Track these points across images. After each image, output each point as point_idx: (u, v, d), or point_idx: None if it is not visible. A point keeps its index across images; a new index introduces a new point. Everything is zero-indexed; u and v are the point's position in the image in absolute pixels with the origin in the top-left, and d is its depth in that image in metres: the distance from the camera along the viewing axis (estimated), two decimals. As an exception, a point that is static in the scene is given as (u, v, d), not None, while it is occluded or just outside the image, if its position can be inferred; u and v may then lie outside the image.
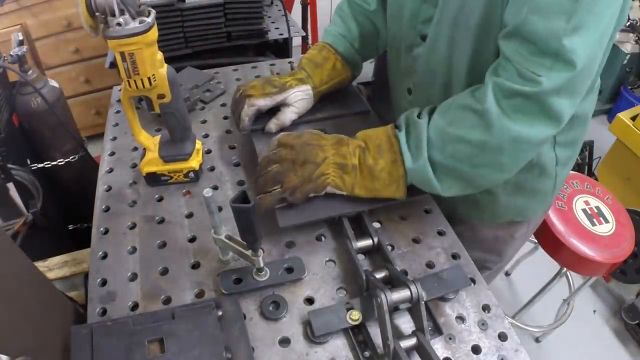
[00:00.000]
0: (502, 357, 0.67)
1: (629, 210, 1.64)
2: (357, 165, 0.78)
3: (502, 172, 0.75)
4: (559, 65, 0.64)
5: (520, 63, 0.66)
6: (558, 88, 0.66)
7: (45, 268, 1.08)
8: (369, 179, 0.78)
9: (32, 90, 1.43)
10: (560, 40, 0.63)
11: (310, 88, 0.99)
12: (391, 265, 0.75)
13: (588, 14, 0.63)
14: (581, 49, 0.64)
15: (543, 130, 0.69)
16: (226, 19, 1.47)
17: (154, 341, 0.63)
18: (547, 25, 0.64)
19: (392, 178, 0.78)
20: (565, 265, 1.58)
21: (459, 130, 0.72)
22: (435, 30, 0.84)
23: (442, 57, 0.85)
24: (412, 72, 0.96)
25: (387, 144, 0.78)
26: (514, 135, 0.69)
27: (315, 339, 0.67)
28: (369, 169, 0.78)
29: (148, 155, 0.92)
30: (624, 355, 1.94)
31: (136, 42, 0.72)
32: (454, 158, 0.73)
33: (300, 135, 0.80)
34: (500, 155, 0.72)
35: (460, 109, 0.73)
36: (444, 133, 0.73)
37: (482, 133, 0.70)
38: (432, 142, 0.74)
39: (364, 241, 0.80)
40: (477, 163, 0.73)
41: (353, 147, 0.79)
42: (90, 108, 2.61)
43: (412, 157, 0.76)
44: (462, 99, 0.73)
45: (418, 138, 0.75)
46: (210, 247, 0.80)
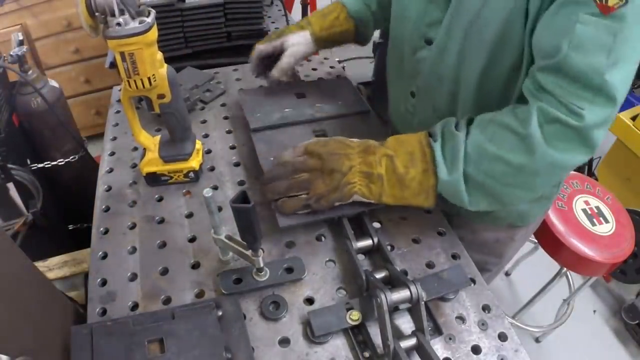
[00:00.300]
0: (502, 357, 0.67)
1: (629, 210, 1.64)
2: (384, 174, 0.76)
3: (532, 192, 0.76)
4: (600, 99, 0.65)
5: (562, 96, 0.66)
6: (600, 122, 0.66)
7: (45, 268, 1.08)
8: (398, 187, 0.77)
9: (32, 90, 1.43)
10: (603, 76, 0.63)
11: (309, 33, 1.03)
12: (391, 265, 0.75)
13: (626, 47, 0.63)
14: (620, 82, 0.65)
15: (579, 157, 0.69)
16: (226, 19, 1.46)
17: (154, 341, 0.63)
18: (589, 62, 0.64)
19: (422, 187, 0.76)
20: (565, 265, 1.58)
21: (498, 150, 0.70)
22: (444, 36, 0.83)
23: (451, 65, 0.84)
24: (416, 75, 0.94)
25: (420, 153, 0.76)
26: (553, 161, 0.69)
27: (315, 339, 0.67)
28: (398, 178, 0.76)
29: (148, 155, 0.92)
30: (624, 355, 1.94)
31: (136, 42, 0.72)
32: (487, 175, 0.72)
33: (327, 143, 0.80)
34: (535, 178, 0.72)
35: (501, 127, 0.71)
36: (482, 149, 0.72)
37: (522, 156, 0.69)
38: (468, 156, 0.73)
39: (364, 241, 0.79)
40: (510, 182, 0.72)
41: (380, 155, 0.77)
42: (90, 108, 2.61)
43: (447, 169, 0.74)
44: (504, 118, 0.72)
45: (454, 150, 0.73)
46: (210, 247, 0.80)
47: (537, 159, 0.69)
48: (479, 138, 0.72)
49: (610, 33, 0.63)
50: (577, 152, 0.68)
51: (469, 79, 0.82)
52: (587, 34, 0.64)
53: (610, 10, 0.62)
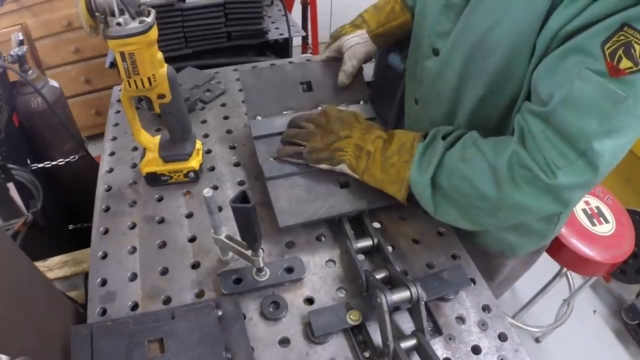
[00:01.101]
0: (502, 357, 0.67)
1: (629, 210, 1.64)
2: (373, 153, 0.80)
3: (496, 221, 0.74)
4: (581, 163, 0.60)
5: (544, 147, 0.62)
6: (574, 186, 0.63)
7: (45, 268, 1.08)
8: (380, 169, 0.80)
9: (32, 90, 1.43)
10: (590, 142, 0.59)
11: (366, 32, 1.00)
12: (391, 265, 0.75)
13: (626, 118, 0.58)
14: (610, 153, 0.60)
15: (547, 208, 0.67)
16: (226, 19, 1.47)
17: (154, 341, 0.63)
18: (579, 123, 0.59)
19: (399, 177, 0.78)
20: (565, 265, 1.57)
21: (469, 171, 0.70)
22: (449, 51, 0.80)
23: (451, 84, 0.82)
24: (421, 82, 0.93)
25: (409, 145, 0.78)
26: (516, 203, 0.67)
27: (315, 339, 0.67)
28: (383, 159, 0.79)
29: (148, 155, 0.92)
30: (624, 355, 1.94)
31: (136, 42, 0.72)
32: (456, 190, 0.72)
33: (342, 112, 0.87)
34: (497, 210, 0.70)
35: (480, 153, 0.70)
36: (456, 166, 0.72)
37: (488, 187, 0.68)
38: (444, 167, 0.73)
39: (363, 241, 0.80)
40: (475, 205, 0.71)
41: (375, 136, 0.82)
42: (90, 108, 2.61)
43: (418, 169, 0.76)
44: (486, 146, 0.70)
45: (431, 156, 0.75)
46: (210, 247, 0.80)
47: (500, 194, 0.67)
48: (457, 154, 0.73)
49: (610, 99, 0.56)
50: (544, 202, 0.65)
51: (466, 103, 0.81)
52: (584, 93, 0.58)
53: (620, 73, 0.55)
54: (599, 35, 0.56)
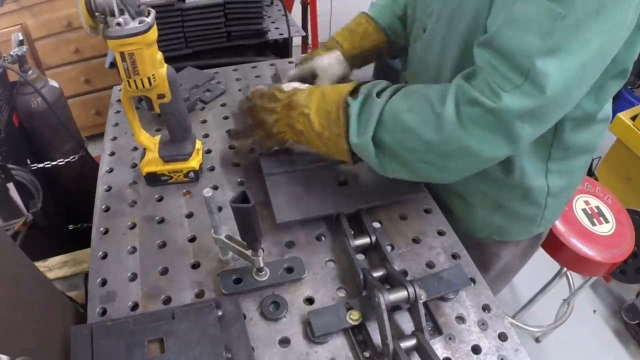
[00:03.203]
0: (502, 357, 0.67)
1: (629, 210, 1.64)
2: (303, 130, 0.81)
3: (446, 174, 0.72)
4: (527, 86, 0.59)
5: (489, 74, 0.62)
6: (521, 111, 0.61)
7: (45, 268, 1.08)
8: (319, 142, 0.80)
9: (32, 90, 1.43)
10: (532, 59, 0.58)
11: (340, 53, 1.01)
12: (389, 264, 0.75)
13: (570, 37, 0.57)
14: (555, 74, 0.58)
15: (495, 149, 0.65)
16: (226, 19, 1.47)
17: (154, 341, 0.63)
18: (520, 41, 0.59)
19: (338, 149, 0.78)
20: (565, 265, 1.58)
21: (412, 122, 0.68)
22: (433, 27, 0.83)
23: (435, 56, 0.84)
24: (410, 63, 0.96)
25: (335, 115, 0.76)
26: (464, 146, 0.65)
27: (315, 339, 0.67)
28: (316, 135, 0.79)
29: (148, 155, 0.92)
30: (624, 355, 1.94)
31: (136, 42, 0.72)
32: (400, 145, 0.70)
33: (262, 95, 0.87)
34: (445, 160, 0.69)
35: (422, 99, 0.68)
36: (397, 118, 0.70)
37: (433, 134, 0.66)
38: (383, 123, 0.71)
39: (361, 239, 0.80)
40: (422, 158, 0.70)
41: (297, 113, 0.81)
42: (90, 108, 2.61)
43: (357, 132, 0.74)
44: (428, 91, 0.69)
45: (368, 116, 0.73)
46: (210, 247, 0.80)
47: (446, 140, 0.65)
48: (398, 106, 0.70)
49: (551, 17, 0.57)
50: (493, 142, 0.64)
51: (446, 72, 0.81)
52: (525, 12, 0.59)
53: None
54: None
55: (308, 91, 0.82)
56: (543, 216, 0.97)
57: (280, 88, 0.86)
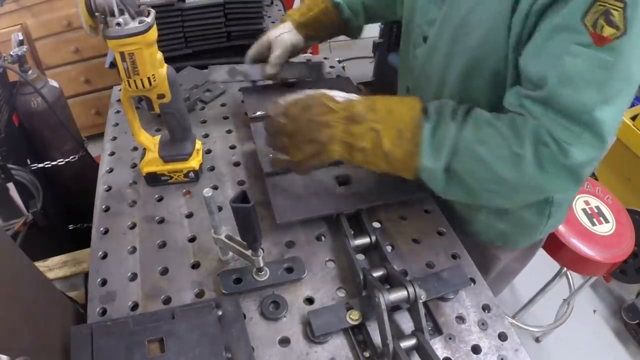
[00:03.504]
0: (502, 357, 0.67)
1: (629, 210, 1.64)
2: (368, 149, 0.72)
3: (508, 203, 0.74)
4: (588, 136, 0.62)
5: (550, 128, 0.63)
6: (588, 161, 0.64)
7: (45, 268, 1.08)
8: (382, 161, 0.73)
9: (32, 90, 1.43)
10: (592, 113, 0.60)
11: (290, 23, 1.06)
12: (389, 264, 0.75)
13: (622, 83, 0.60)
14: (611, 119, 0.61)
15: (564, 187, 0.67)
16: (226, 19, 1.46)
17: (154, 341, 0.63)
18: (578, 98, 0.60)
19: (405, 167, 0.73)
20: (565, 265, 1.58)
21: (487, 155, 0.67)
22: (436, 36, 0.83)
23: (438, 67, 0.84)
24: (412, 71, 0.96)
25: (409, 133, 0.71)
26: (538, 185, 0.67)
27: (315, 339, 0.67)
28: (384, 154, 0.72)
29: (148, 155, 0.92)
30: (624, 355, 1.94)
31: (136, 42, 0.72)
32: (471, 174, 0.70)
33: (308, 106, 0.73)
34: (513, 193, 0.70)
35: (496, 134, 0.67)
36: (471, 149, 0.68)
37: (510, 171, 0.66)
38: (457, 151, 0.69)
39: (361, 239, 0.80)
40: (489, 189, 0.70)
41: (366, 128, 0.72)
42: (90, 108, 2.61)
43: (431, 157, 0.71)
44: (502, 126, 0.67)
45: (443, 141, 0.70)
46: (210, 247, 0.80)
47: (523, 179, 0.66)
48: (471, 136, 0.69)
49: (603, 67, 0.58)
50: (564, 183, 0.66)
51: (451, 85, 0.82)
52: (577, 67, 0.59)
53: (605, 41, 0.57)
54: (577, 10, 0.59)
55: (369, 103, 0.74)
56: (546, 224, 0.98)
57: (332, 97, 0.74)
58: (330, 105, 0.73)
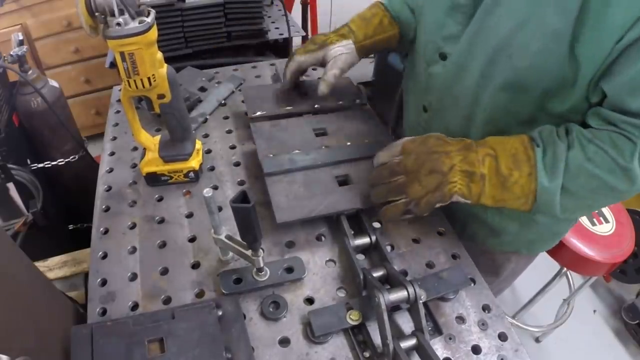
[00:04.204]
0: (502, 357, 0.67)
1: (629, 210, 1.64)
2: (486, 174, 0.73)
3: (617, 201, 0.76)
4: None
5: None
6: None
7: (45, 268, 1.08)
8: (499, 189, 0.73)
9: (32, 90, 1.43)
10: None
11: (352, 42, 0.97)
12: (389, 264, 0.75)
13: None
14: None
15: None
16: (226, 19, 1.47)
17: (154, 341, 0.63)
18: None
19: (524, 191, 0.73)
20: (565, 265, 1.58)
21: (596, 169, 0.69)
22: (463, 54, 0.77)
23: (470, 87, 0.79)
24: (428, 89, 0.90)
25: (524, 155, 0.72)
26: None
27: (315, 339, 0.67)
28: (501, 179, 0.72)
29: (148, 155, 0.92)
30: (624, 355, 1.94)
31: (136, 42, 0.72)
32: (582, 187, 0.71)
33: (425, 141, 0.76)
34: (623, 195, 0.72)
35: (601, 150, 0.68)
36: (582, 167, 0.69)
37: (620, 182, 0.69)
38: (569, 170, 0.70)
39: (361, 239, 0.80)
40: (601, 194, 0.72)
41: (482, 154, 0.73)
42: (90, 108, 2.61)
43: (547, 176, 0.71)
44: (604, 144, 0.68)
45: (555, 159, 0.70)
46: (210, 247, 0.80)
47: (633, 187, 0.69)
48: (579, 155, 0.70)
49: None
50: None
51: (491, 103, 0.78)
52: None
53: None
54: None
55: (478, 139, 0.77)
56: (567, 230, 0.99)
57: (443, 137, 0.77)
58: (445, 139, 0.76)
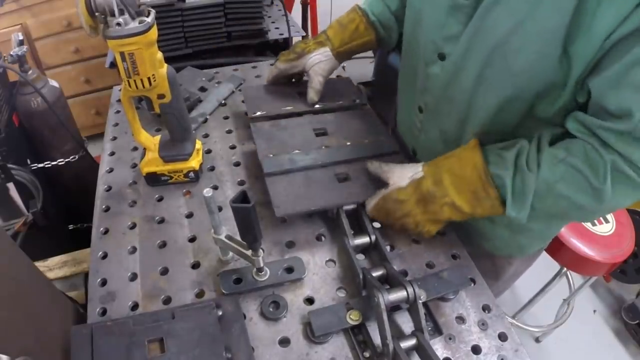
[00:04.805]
0: (502, 357, 0.67)
1: (629, 210, 1.64)
2: (451, 217, 0.77)
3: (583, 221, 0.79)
4: None
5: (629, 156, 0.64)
6: None
7: (45, 268, 1.08)
8: (468, 217, 0.77)
9: (32, 90, 1.43)
10: None
11: (329, 50, 1.02)
12: (388, 264, 0.75)
13: None
14: None
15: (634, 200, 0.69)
16: (226, 19, 1.47)
17: (154, 341, 0.63)
18: None
19: (493, 212, 0.75)
20: (565, 265, 1.58)
21: (566, 190, 0.68)
22: (462, 54, 0.77)
23: (466, 89, 0.78)
24: (425, 90, 0.90)
25: (483, 192, 0.73)
26: (615, 206, 0.69)
27: (315, 339, 0.68)
28: (467, 214, 0.76)
29: (148, 155, 0.92)
30: (624, 355, 1.94)
31: (136, 42, 0.72)
32: (551, 208, 0.72)
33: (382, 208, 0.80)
34: (591, 215, 0.73)
35: (573, 170, 0.68)
36: (550, 188, 0.69)
37: (589, 201, 0.68)
38: (538, 193, 0.70)
39: (361, 238, 0.80)
40: (569, 215, 0.73)
41: (440, 205, 0.76)
42: (90, 108, 2.61)
43: (514, 207, 0.72)
44: (577, 162, 0.67)
45: (525, 190, 0.70)
46: (210, 247, 0.80)
47: (602, 207, 0.68)
48: (548, 176, 0.69)
49: None
50: (633, 199, 0.68)
51: (485, 105, 0.77)
52: None
53: None
54: None
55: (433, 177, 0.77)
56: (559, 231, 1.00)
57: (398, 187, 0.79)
58: (400, 197, 0.78)
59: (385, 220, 0.82)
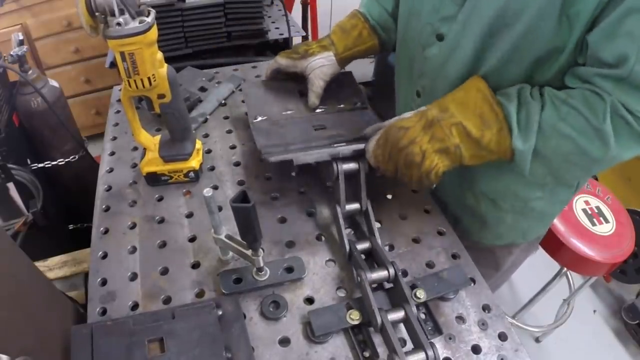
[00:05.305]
0: (502, 357, 0.67)
1: (629, 210, 1.64)
2: (459, 142, 0.74)
3: (588, 174, 0.77)
4: None
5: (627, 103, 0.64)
6: None
7: (45, 268, 1.08)
8: (476, 148, 0.75)
9: (32, 90, 1.43)
10: None
11: (333, 54, 1.01)
12: (374, 239, 0.78)
13: None
14: None
15: (633, 154, 0.69)
16: (226, 19, 1.47)
17: (154, 341, 0.63)
18: None
19: (500, 148, 0.74)
20: (565, 265, 1.58)
21: (569, 130, 0.69)
22: (457, 32, 0.78)
23: (464, 66, 0.80)
24: (422, 73, 0.91)
25: (490, 113, 0.73)
26: (616, 155, 0.69)
27: (316, 339, 0.68)
28: (475, 140, 0.73)
29: (148, 155, 0.92)
30: (624, 355, 1.94)
31: (136, 42, 0.72)
32: (554, 150, 0.71)
33: (386, 138, 0.78)
34: (595, 164, 0.72)
35: (575, 110, 0.68)
36: (554, 127, 0.69)
37: (593, 145, 0.68)
38: (541, 130, 0.70)
39: (353, 204, 0.82)
40: (572, 160, 0.72)
41: (448, 126, 0.74)
42: (90, 108, 2.61)
43: (521, 138, 0.72)
44: (577, 103, 0.68)
45: (529, 119, 0.71)
46: (210, 247, 0.80)
47: (606, 152, 0.68)
48: (552, 115, 0.70)
49: None
50: (635, 151, 0.69)
51: (484, 77, 0.78)
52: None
53: None
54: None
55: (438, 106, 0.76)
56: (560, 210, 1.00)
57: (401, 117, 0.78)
58: (404, 124, 0.77)
59: (389, 157, 0.78)
